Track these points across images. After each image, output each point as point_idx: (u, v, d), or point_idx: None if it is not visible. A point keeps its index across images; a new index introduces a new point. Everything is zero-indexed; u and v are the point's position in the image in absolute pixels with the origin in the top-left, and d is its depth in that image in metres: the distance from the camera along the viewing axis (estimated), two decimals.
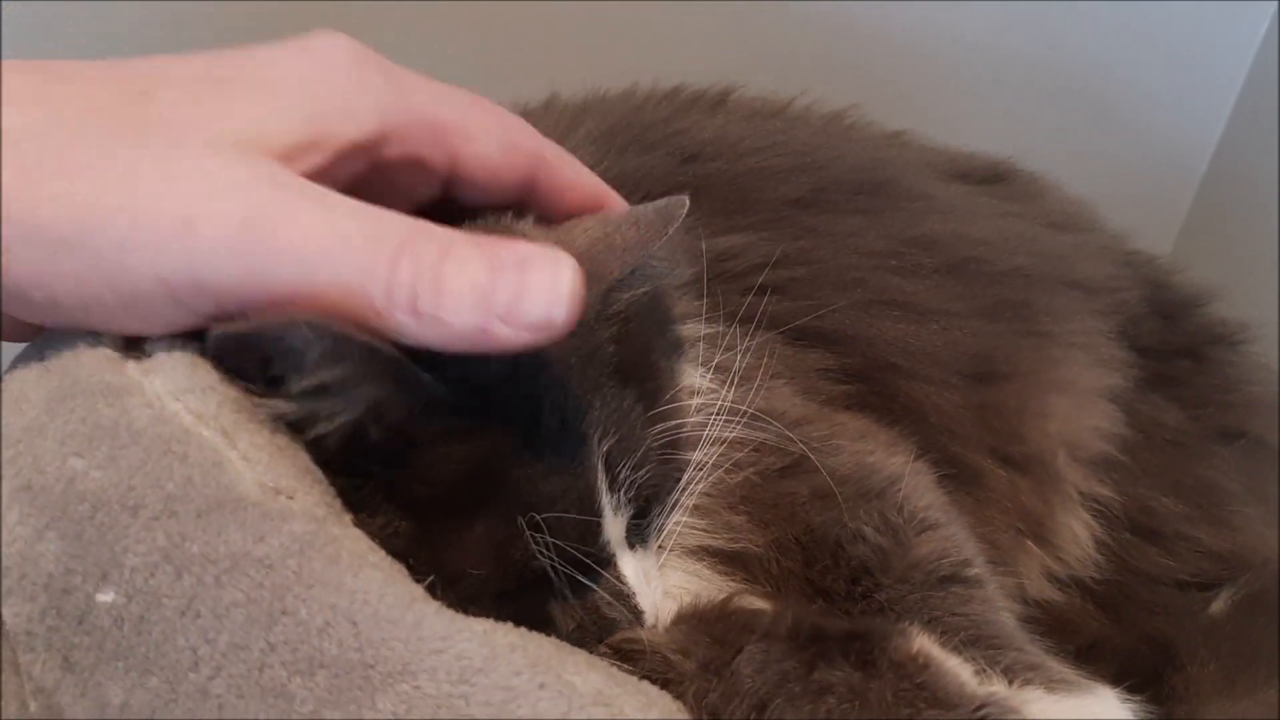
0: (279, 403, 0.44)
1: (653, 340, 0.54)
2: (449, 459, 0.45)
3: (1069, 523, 0.69)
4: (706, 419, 0.54)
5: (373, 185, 0.48)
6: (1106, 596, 0.70)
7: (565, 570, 0.47)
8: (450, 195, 0.52)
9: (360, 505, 0.45)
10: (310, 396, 0.44)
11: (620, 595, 0.50)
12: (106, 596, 0.39)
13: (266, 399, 0.44)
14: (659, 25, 1.11)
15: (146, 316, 0.43)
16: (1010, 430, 0.68)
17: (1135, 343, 0.75)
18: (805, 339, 0.63)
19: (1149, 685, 0.54)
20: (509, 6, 1.08)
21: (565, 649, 0.43)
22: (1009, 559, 0.64)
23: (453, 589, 0.44)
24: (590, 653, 0.45)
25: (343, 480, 0.45)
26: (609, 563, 0.50)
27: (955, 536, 0.55)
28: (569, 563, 0.47)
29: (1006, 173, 0.83)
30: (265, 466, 0.43)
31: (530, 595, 0.48)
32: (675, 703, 0.44)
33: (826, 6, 1.14)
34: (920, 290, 0.68)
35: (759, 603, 0.51)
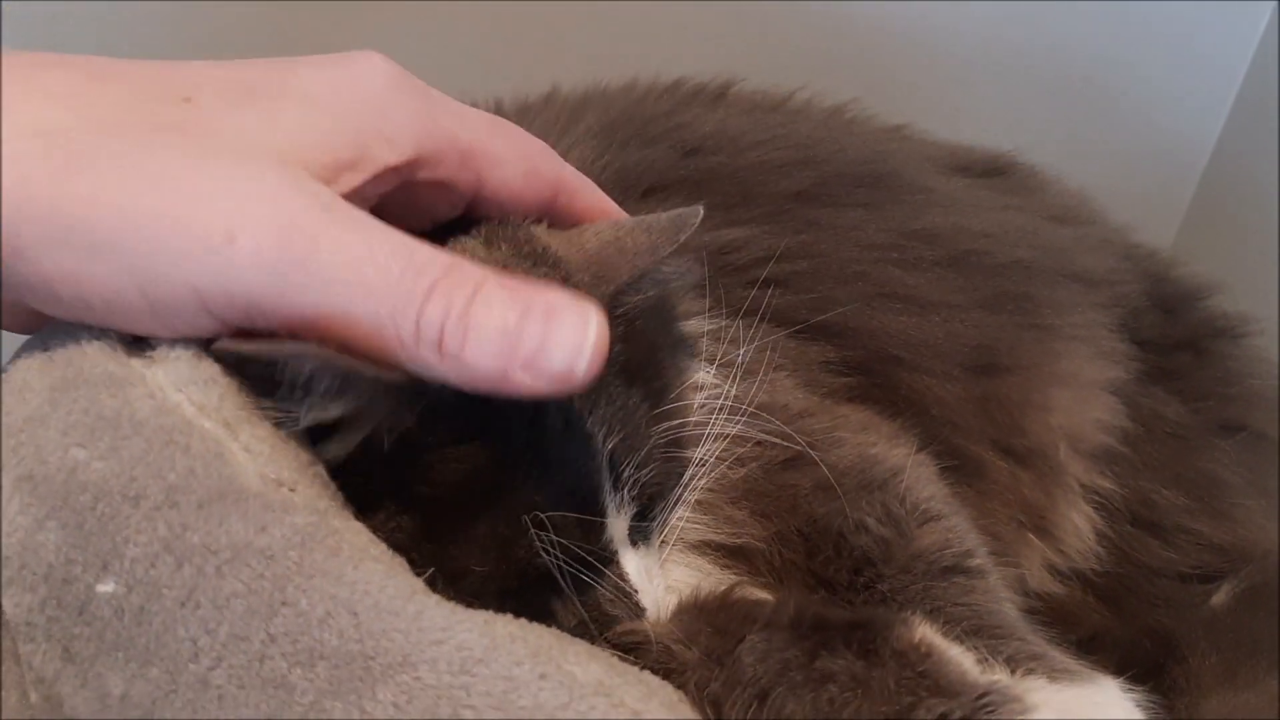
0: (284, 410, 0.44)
1: (658, 339, 0.54)
2: (453, 460, 0.46)
3: (1070, 515, 0.69)
4: (710, 414, 0.54)
5: (399, 204, 0.48)
6: (1107, 589, 0.70)
7: (568, 568, 0.47)
8: (471, 215, 0.52)
9: (362, 501, 0.46)
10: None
11: (622, 593, 0.50)
12: (107, 587, 0.39)
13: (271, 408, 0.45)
14: (659, 19, 1.11)
15: (173, 323, 0.43)
16: (1012, 423, 0.68)
17: (1136, 336, 0.75)
18: (807, 332, 0.63)
19: (1150, 677, 0.54)
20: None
21: (566, 639, 0.43)
22: (1010, 551, 0.64)
23: (455, 586, 0.44)
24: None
25: (344, 477, 0.46)
26: (612, 561, 0.50)
27: (957, 527, 0.55)
28: (572, 560, 0.47)
29: (1007, 166, 0.83)
30: (267, 458, 0.43)
31: (533, 593, 0.48)
32: (677, 693, 0.45)
33: (829, 2, 1.14)
34: (921, 283, 0.68)
35: (761, 593, 0.51)
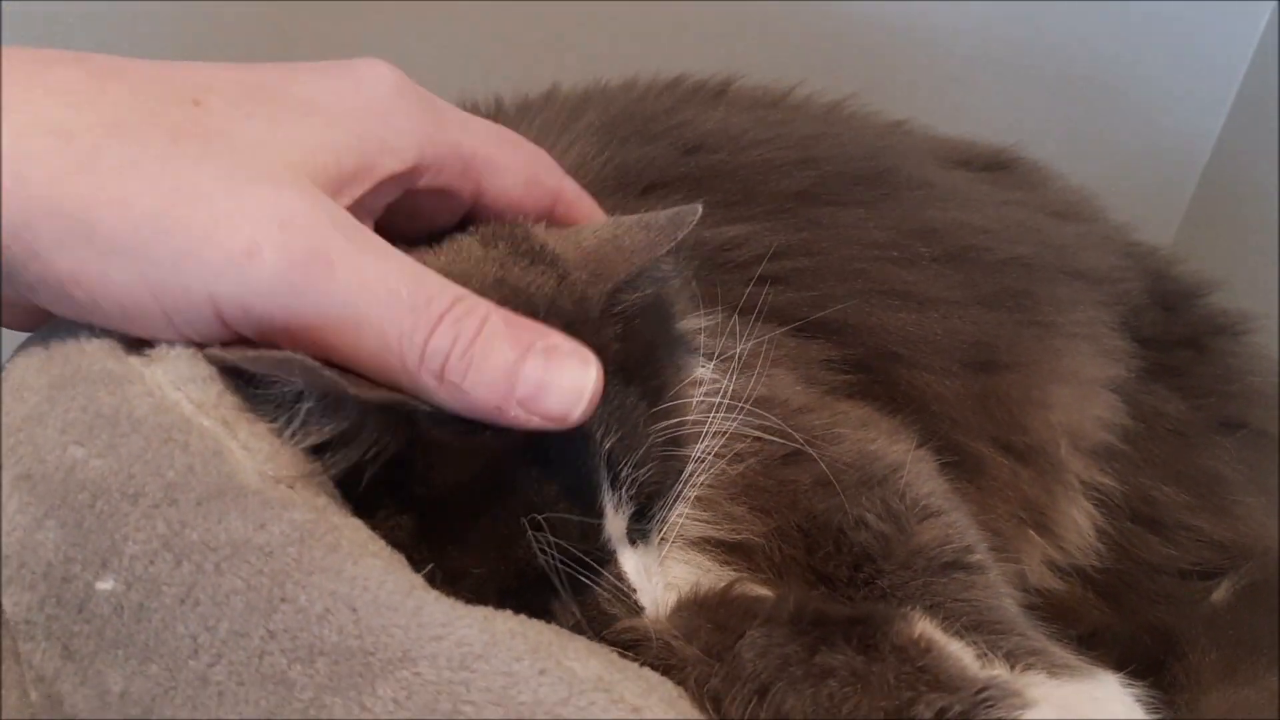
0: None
1: (657, 337, 0.54)
2: (451, 462, 0.46)
3: (1070, 512, 0.69)
4: (708, 411, 0.54)
5: (401, 212, 0.49)
6: (1108, 585, 0.69)
7: (567, 568, 0.47)
8: (469, 221, 0.53)
9: (360, 500, 0.46)
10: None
11: (621, 592, 0.50)
12: (106, 584, 0.39)
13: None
14: (659, 17, 1.11)
15: (184, 330, 0.43)
16: (1012, 420, 0.68)
17: (1137, 333, 0.75)
18: (807, 330, 0.63)
19: (1150, 673, 0.53)
20: None
21: (565, 635, 0.43)
22: (1010, 547, 0.64)
23: (454, 587, 0.44)
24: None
25: (344, 476, 0.46)
26: (610, 560, 0.50)
27: (957, 523, 0.55)
28: (570, 560, 0.47)
29: (1010, 161, 0.83)
30: (265, 456, 0.43)
31: (532, 593, 0.48)
32: (676, 689, 0.45)
33: (830, 1, 1.14)
34: (920, 280, 0.68)
35: (760, 589, 0.51)
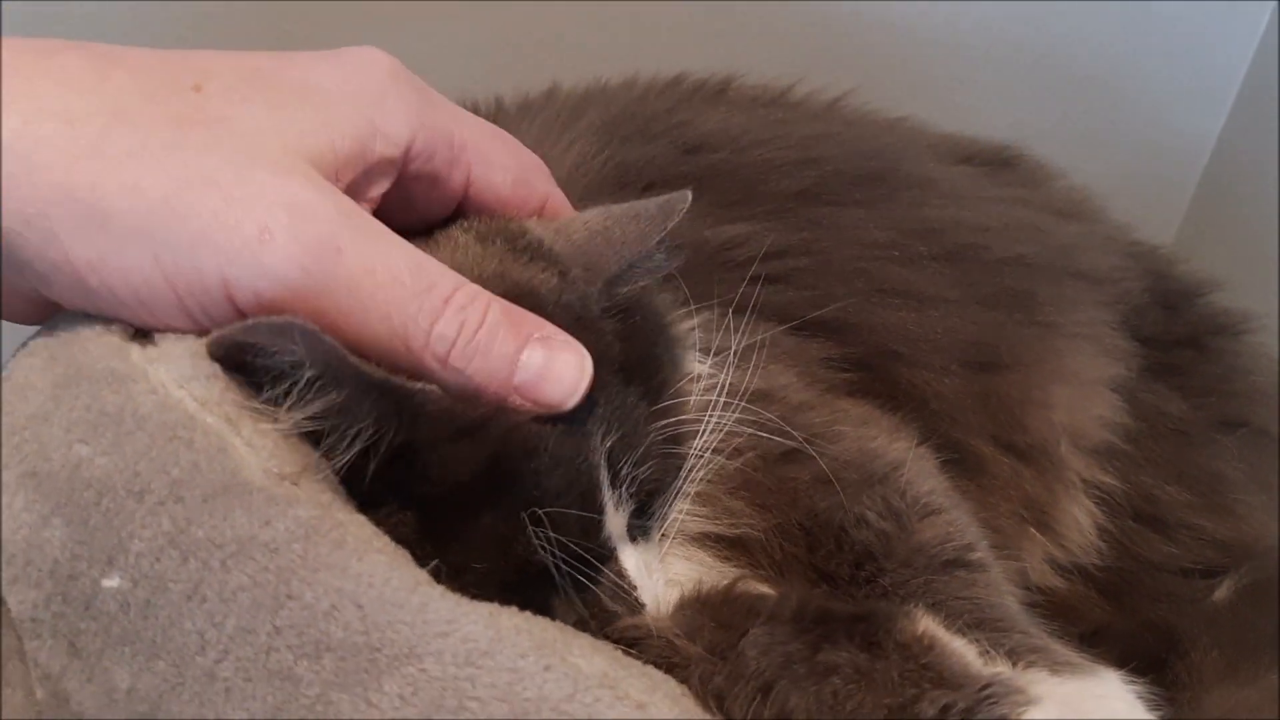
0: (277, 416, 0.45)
1: (655, 335, 0.54)
2: (452, 458, 0.46)
3: (1072, 510, 0.69)
4: (707, 407, 0.54)
5: (393, 204, 0.50)
6: (1109, 584, 0.69)
7: (568, 566, 0.47)
8: (459, 217, 0.54)
9: (364, 497, 0.46)
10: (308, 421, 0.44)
11: (622, 589, 0.50)
12: (112, 582, 0.39)
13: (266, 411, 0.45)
14: (661, 16, 1.11)
15: (197, 315, 0.44)
16: (1013, 419, 0.68)
17: (1138, 332, 0.75)
18: (807, 328, 0.63)
19: (1151, 672, 0.53)
20: None
21: (570, 632, 0.43)
22: (1012, 545, 0.64)
23: (456, 582, 0.44)
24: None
25: (347, 473, 0.46)
26: (611, 557, 0.50)
27: (958, 521, 0.55)
28: (571, 557, 0.47)
29: (1012, 158, 0.83)
30: (270, 452, 0.43)
31: (533, 590, 0.48)
32: (680, 687, 0.45)
33: (831, 1, 1.14)
34: (919, 278, 0.68)
35: (763, 587, 0.51)
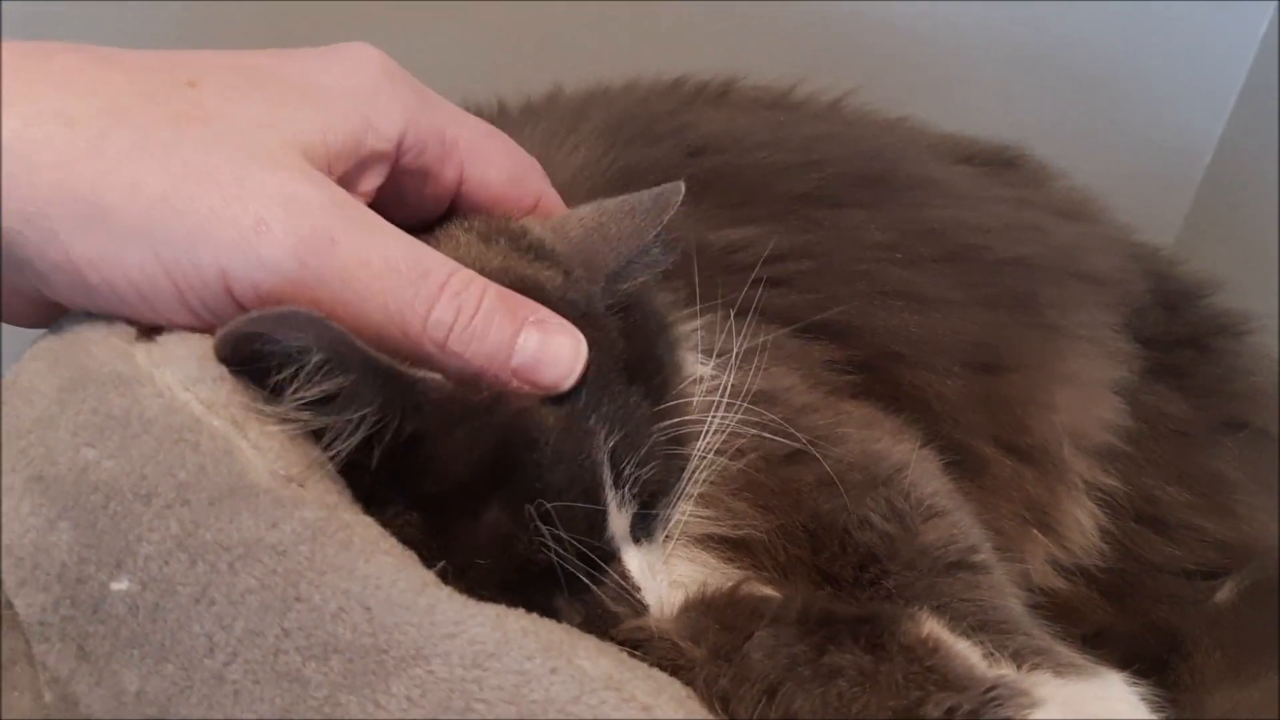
0: (282, 411, 0.45)
1: (656, 335, 0.54)
2: (454, 449, 0.46)
3: (1074, 512, 0.69)
4: (710, 408, 0.54)
5: (387, 199, 0.50)
6: (1112, 585, 0.70)
7: (571, 566, 0.47)
8: (454, 215, 0.54)
9: (369, 497, 0.46)
10: (312, 408, 0.44)
11: (625, 590, 0.50)
12: (121, 585, 0.40)
13: (271, 407, 0.45)
14: (661, 14, 1.11)
15: (198, 310, 0.44)
16: (1015, 420, 0.68)
17: (1140, 333, 0.75)
18: (810, 331, 0.63)
19: (1154, 673, 0.53)
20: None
21: (576, 634, 0.43)
22: (1014, 546, 0.64)
23: (461, 581, 0.44)
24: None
25: (352, 474, 0.46)
26: (614, 558, 0.50)
27: (962, 523, 0.55)
28: (575, 556, 0.47)
29: (1014, 158, 0.83)
30: (276, 454, 0.43)
31: (535, 591, 0.48)
32: (685, 689, 0.45)
33: (831, 1, 1.14)
34: (922, 280, 0.68)
35: (767, 590, 0.51)
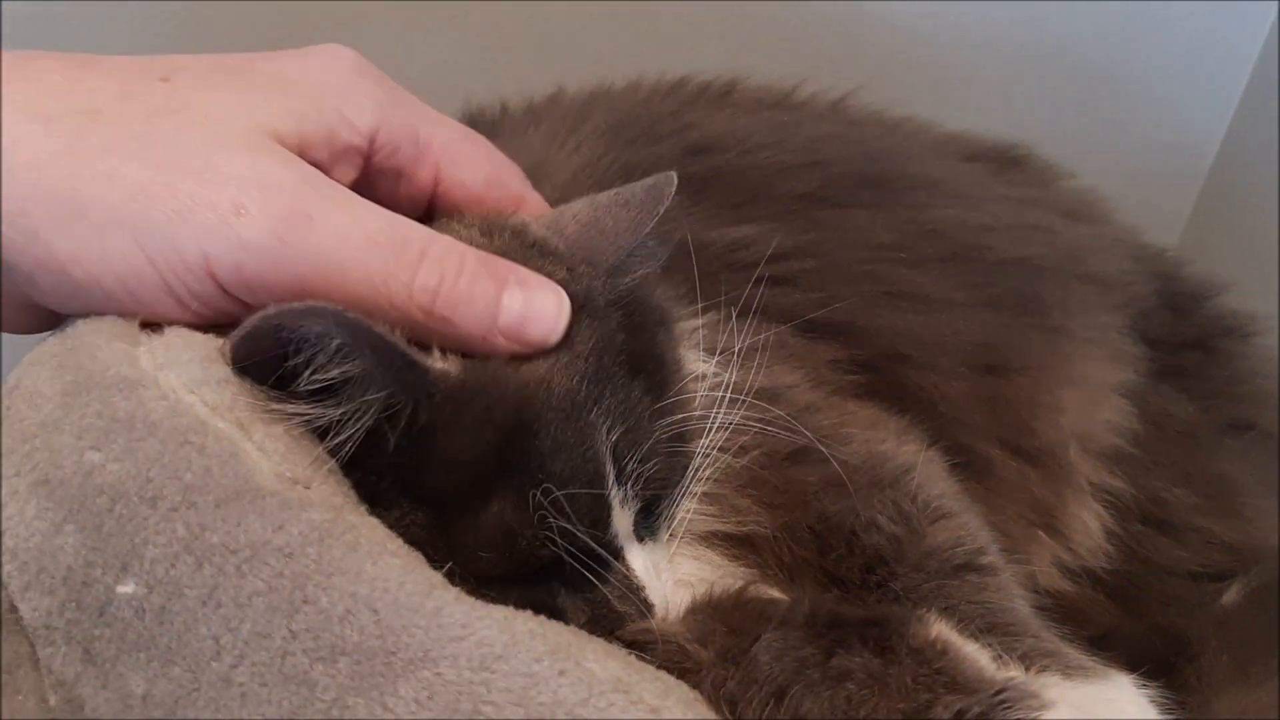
0: (291, 405, 0.45)
1: (657, 332, 0.54)
2: (462, 437, 0.46)
3: (1080, 513, 0.69)
4: (712, 405, 0.54)
5: (361, 194, 0.50)
6: (1118, 587, 0.69)
7: (575, 560, 0.47)
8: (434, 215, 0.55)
9: (375, 499, 0.46)
10: (323, 396, 0.44)
11: (630, 589, 0.50)
12: (127, 588, 0.39)
13: (279, 402, 0.45)
14: (663, 14, 1.11)
15: (183, 297, 0.45)
16: (1021, 422, 0.68)
17: (1145, 335, 0.75)
18: (814, 330, 0.63)
19: (1161, 675, 0.53)
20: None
21: (584, 637, 0.43)
22: (1020, 548, 0.64)
23: (466, 576, 0.44)
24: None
25: (357, 475, 0.46)
26: (618, 556, 0.50)
27: (969, 524, 0.55)
28: (579, 550, 0.47)
29: (1021, 157, 0.83)
30: (281, 457, 0.43)
31: (540, 585, 0.48)
32: (692, 691, 0.44)
33: (832, 2, 1.14)
34: (927, 281, 0.68)
35: (774, 592, 0.51)
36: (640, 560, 0.51)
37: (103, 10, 1.00)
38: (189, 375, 0.44)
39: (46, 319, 0.48)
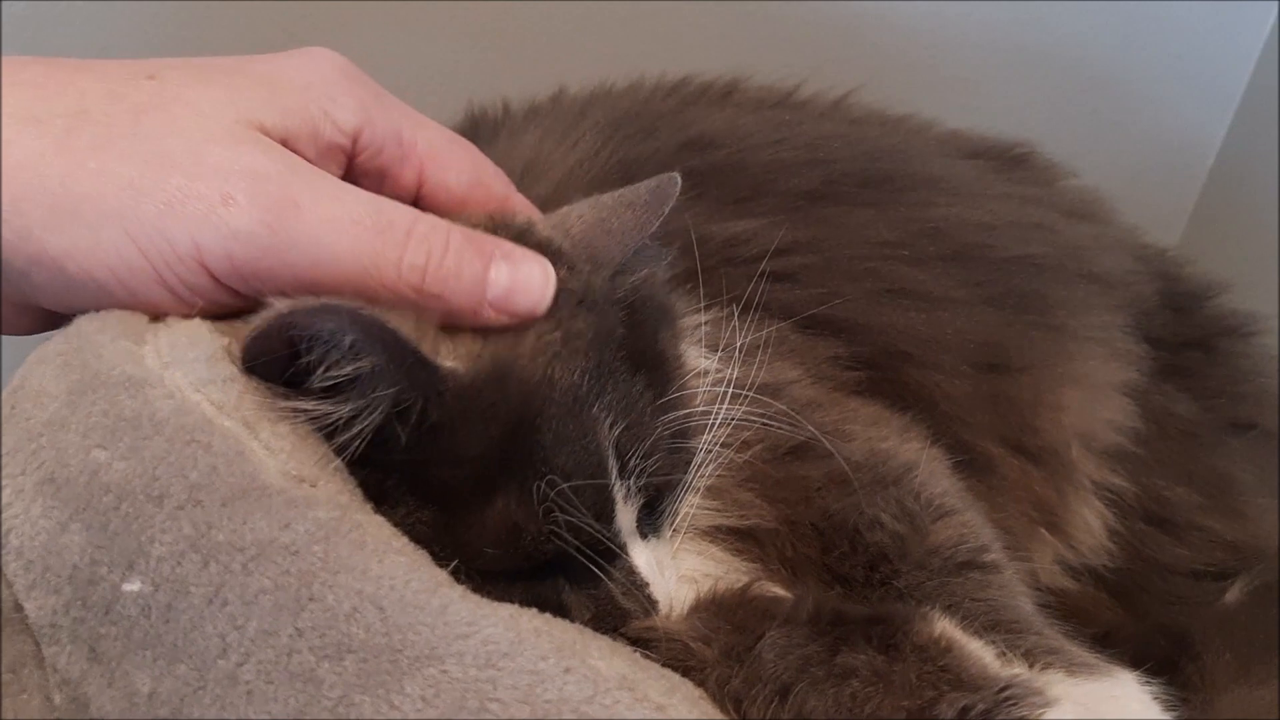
0: (300, 403, 0.45)
1: (659, 328, 0.54)
2: (469, 436, 0.46)
3: (1082, 512, 0.69)
4: (714, 401, 0.54)
5: None
6: (1120, 585, 0.69)
7: (580, 551, 0.47)
8: None
9: (381, 497, 0.46)
10: (333, 393, 0.45)
11: (634, 585, 0.50)
12: (133, 586, 0.39)
13: (288, 400, 0.45)
14: (664, 14, 1.11)
15: (175, 288, 0.45)
16: (1023, 421, 0.68)
17: (1148, 334, 0.75)
18: (816, 327, 0.63)
19: (1163, 673, 0.53)
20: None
21: (589, 634, 0.43)
22: (1022, 546, 0.64)
23: (471, 572, 0.44)
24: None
25: (363, 473, 0.46)
26: (621, 553, 0.50)
27: (972, 522, 0.55)
28: (584, 544, 0.47)
29: (1023, 156, 0.83)
30: (288, 455, 0.43)
31: (545, 582, 0.48)
32: (698, 689, 0.45)
33: (832, 2, 1.14)
34: (929, 279, 0.68)
35: (778, 589, 0.51)
36: (644, 557, 0.51)
37: (103, 10, 1.00)
38: (195, 374, 0.44)
39: (45, 320, 0.49)
